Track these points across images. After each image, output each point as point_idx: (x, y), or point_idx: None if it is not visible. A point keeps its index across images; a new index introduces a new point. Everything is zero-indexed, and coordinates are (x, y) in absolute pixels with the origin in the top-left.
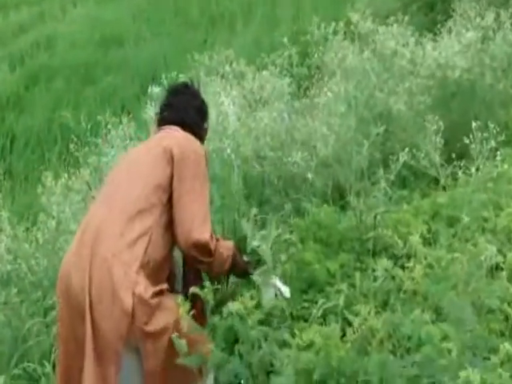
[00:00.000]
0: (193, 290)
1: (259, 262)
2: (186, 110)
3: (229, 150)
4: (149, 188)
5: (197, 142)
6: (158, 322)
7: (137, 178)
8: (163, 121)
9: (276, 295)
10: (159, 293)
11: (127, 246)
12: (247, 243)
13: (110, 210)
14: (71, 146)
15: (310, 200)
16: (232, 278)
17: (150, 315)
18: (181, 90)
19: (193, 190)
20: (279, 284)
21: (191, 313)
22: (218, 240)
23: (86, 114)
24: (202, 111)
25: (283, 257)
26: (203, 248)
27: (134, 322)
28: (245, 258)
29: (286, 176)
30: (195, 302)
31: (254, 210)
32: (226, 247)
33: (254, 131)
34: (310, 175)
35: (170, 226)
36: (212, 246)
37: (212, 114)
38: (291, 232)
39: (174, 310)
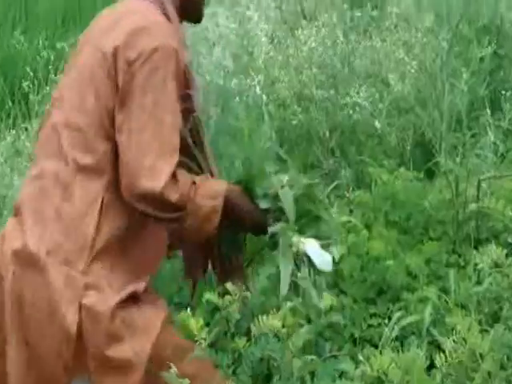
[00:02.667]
0: None
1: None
2: None
3: (257, 89)
4: (85, 111)
5: (162, 31)
6: (127, 346)
7: (72, 95)
8: None
9: (309, 270)
10: (131, 297)
11: (66, 229)
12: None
13: (41, 185)
14: (24, 85)
15: (380, 163)
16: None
17: (113, 334)
18: None
19: (142, 109)
20: (311, 249)
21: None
22: (194, 183)
23: (42, 39)
24: None
25: (338, 250)
26: (157, 201)
27: (87, 346)
28: (260, 204)
29: (343, 126)
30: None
31: None
32: (209, 194)
33: (295, 59)
34: (378, 124)
35: None
36: (174, 196)
37: (232, 33)
38: (351, 211)
39: (157, 325)
